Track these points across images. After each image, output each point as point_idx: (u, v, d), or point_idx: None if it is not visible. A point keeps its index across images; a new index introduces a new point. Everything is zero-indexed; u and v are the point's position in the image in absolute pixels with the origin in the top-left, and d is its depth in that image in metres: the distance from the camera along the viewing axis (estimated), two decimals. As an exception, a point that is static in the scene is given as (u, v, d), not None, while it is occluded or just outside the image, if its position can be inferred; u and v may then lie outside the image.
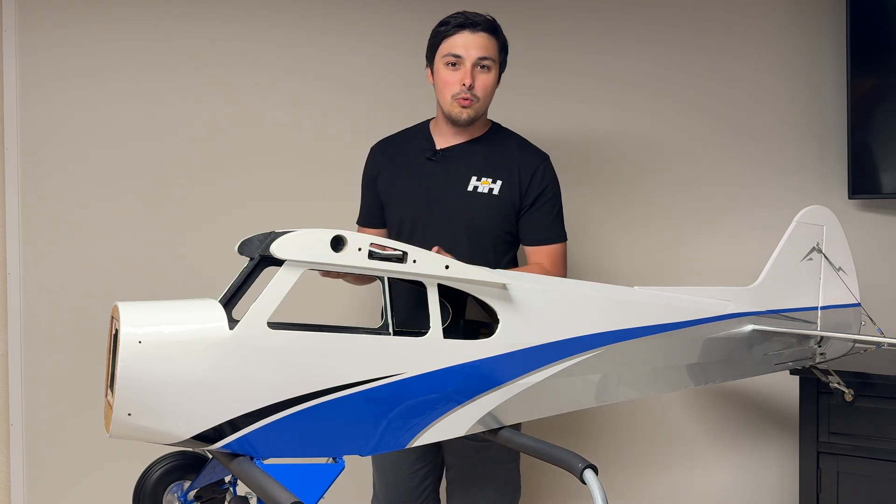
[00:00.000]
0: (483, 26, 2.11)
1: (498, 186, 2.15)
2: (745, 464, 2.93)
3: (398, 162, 2.25)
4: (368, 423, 1.47)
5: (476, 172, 2.16)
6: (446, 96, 2.14)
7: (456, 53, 2.10)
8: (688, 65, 2.90)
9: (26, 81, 2.75)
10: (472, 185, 2.16)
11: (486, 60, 2.11)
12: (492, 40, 2.13)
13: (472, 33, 2.10)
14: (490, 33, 2.12)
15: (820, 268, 2.15)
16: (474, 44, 2.10)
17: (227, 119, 2.81)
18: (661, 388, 1.89)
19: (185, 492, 1.64)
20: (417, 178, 2.20)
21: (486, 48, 2.11)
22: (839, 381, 2.29)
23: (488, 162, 2.18)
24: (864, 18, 2.71)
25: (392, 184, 2.25)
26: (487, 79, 2.13)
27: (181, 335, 1.33)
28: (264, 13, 2.83)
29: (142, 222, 2.78)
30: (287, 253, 1.39)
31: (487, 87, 2.13)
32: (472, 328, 1.69)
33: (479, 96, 2.12)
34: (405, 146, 2.27)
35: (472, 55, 2.10)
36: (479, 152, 2.19)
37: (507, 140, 2.24)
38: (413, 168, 2.22)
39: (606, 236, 2.92)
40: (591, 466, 1.45)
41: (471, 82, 2.10)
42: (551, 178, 2.20)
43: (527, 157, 2.20)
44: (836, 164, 2.83)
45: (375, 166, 2.29)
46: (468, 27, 2.10)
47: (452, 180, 2.17)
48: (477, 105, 2.13)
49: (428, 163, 2.20)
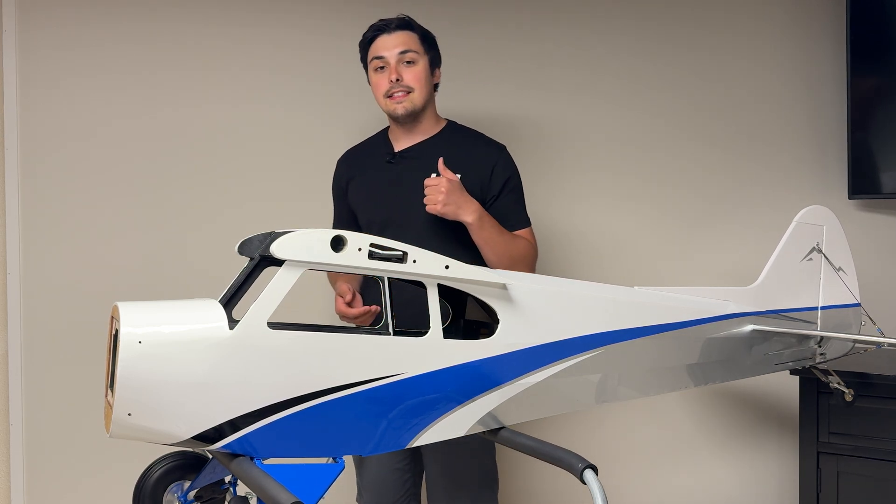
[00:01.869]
0: (396, 24, 2.24)
1: (458, 179, 2.20)
2: (745, 464, 2.93)
3: (363, 169, 2.34)
4: (368, 423, 1.47)
5: (435, 169, 2.21)
6: (381, 98, 2.25)
7: (378, 55, 2.24)
8: (688, 64, 2.90)
9: (26, 81, 2.75)
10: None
11: (408, 53, 2.22)
12: (409, 35, 2.24)
13: (388, 34, 2.23)
14: (405, 29, 2.24)
15: (820, 268, 2.15)
16: (392, 42, 2.22)
17: (227, 119, 2.81)
18: (661, 388, 1.89)
19: (185, 492, 1.64)
20: (380, 182, 2.29)
21: (404, 43, 2.22)
22: (839, 381, 2.29)
23: (446, 157, 2.22)
24: (864, 18, 2.71)
25: (359, 190, 2.33)
26: (415, 70, 2.22)
27: (181, 335, 1.33)
28: (265, 14, 2.83)
29: (142, 222, 2.78)
30: (287, 253, 1.39)
31: (419, 78, 2.22)
32: (472, 328, 1.69)
33: (412, 87, 2.22)
34: (367, 153, 2.37)
35: (394, 52, 2.21)
36: (437, 149, 2.25)
37: (464, 136, 2.32)
38: (375, 173, 2.31)
39: (606, 236, 2.92)
40: (591, 466, 1.45)
41: (397, 76, 2.20)
42: (512, 167, 2.28)
43: (485, 150, 2.27)
44: (836, 164, 2.83)
45: (344, 176, 2.38)
46: (384, 30, 2.24)
47: (413, 179, 2.22)
48: (413, 96, 2.22)
49: (388, 165, 2.29)
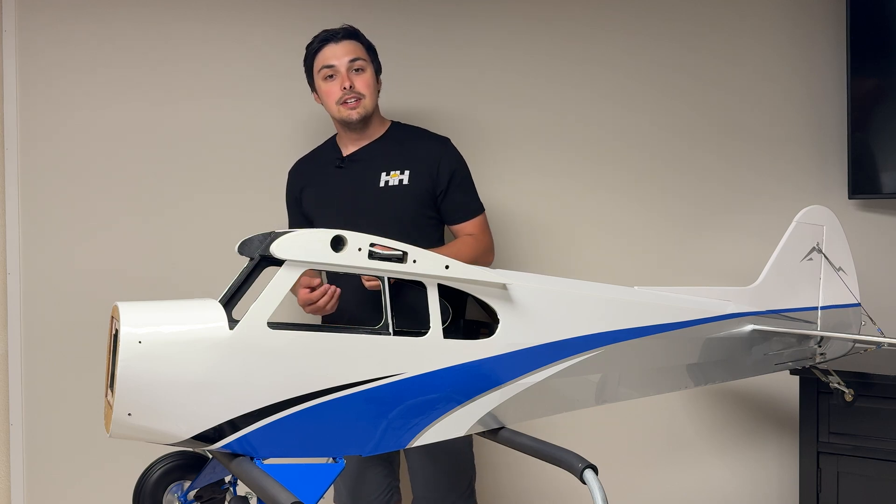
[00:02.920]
0: (343, 34, 2.30)
1: (407, 176, 2.27)
2: (745, 464, 2.93)
3: (313, 176, 2.39)
4: (368, 423, 1.47)
5: (384, 168, 2.29)
6: (332, 105, 2.29)
7: (328, 64, 2.29)
8: (688, 65, 2.90)
9: (26, 81, 2.75)
10: (383, 180, 2.28)
11: (357, 62, 2.28)
12: (356, 44, 2.31)
13: (336, 44, 2.29)
14: (352, 38, 2.31)
15: (820, 268, 2.15)
16: (342, 51, 2.28)
17: (228, 119, 2.80)
18: (661, 388, 1.89)
19: (185, 492, 1.64)
20: (332, 187, 2.33)
21: (353, 52, 2.29)
22: (839, 381, 2.29)
23: (394, 156, 2.30)
24: (864, 18, 2.71)
25: (313, 198, 2.37)
26: (365, 77, 2.29)
27: (181, 335, 1.33)
28: (265, 13, 2.82)
29: (142, 222, 2.77)
30: (287, 253, 1.39)
31: (369, 85, 2.29)
32: (472, 328, 1.69)
33: (364, 93, 2.28)
34: (317, 161, 2.42)
35: (344, 61, 2.27)
36: (384, 150, 2.32)
37: (408, 134, 2.38)
38: (326, 179, 2.35)
39: (606, 236, 2.92)
40: (591, 466, 1.45)
41: (349, 83, 2.25)
42: (457, 158, 2.34)
43: (429, 145, 2.34)
44: (836, 164, 2.82)
45: (297, 185, 2.42)
46: (331, 39, 2.30)
47: (364, 181, 2.29)
48: (364, 102, 2.28)
49: (338, 171, 2.33)
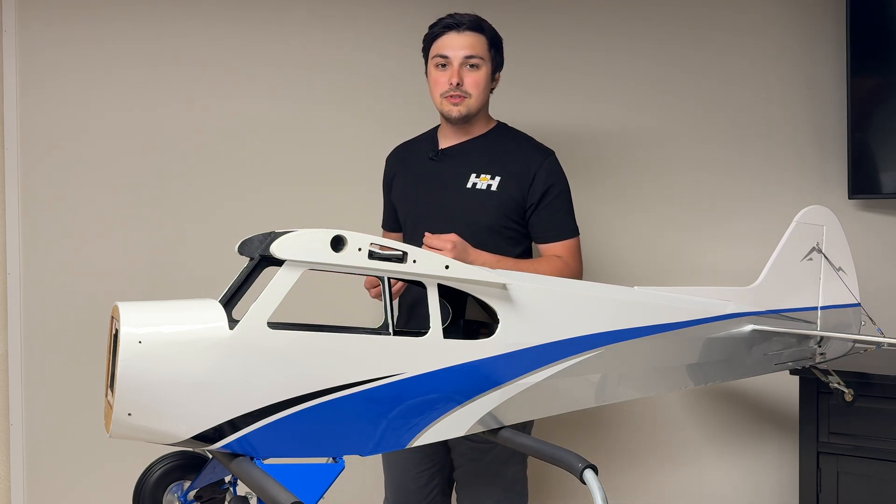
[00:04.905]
0: (468, 25, 2.15)
1: (497, 182, 2.16)
2: (745, 464, 2.93)
3: (407, 165, 2.32)
4: (368, 423, 1.47)
5: (475, 169, 2.18)
6: (437, 96, 2.19)
7: (443, 54, 2.16)
8: (688, 64, 2.90)
9: (26, 81, 2.75)
10: (471, 181, 2.18)
11: (474, 59, 2.15)
12: (478, 38, 2.16)
13: (458, 34, 2.15)
14: (476, 31, 2.16)
15: (820, 268, 2.15)
16: (460, 43, 2.14)
17: (228, 118, 2.80)
18: (661, 388, 1.89)
19: (185, 492, 1.64)
20: (419, 179, 2.26)
21: (472, 46, 2.15)
22: (839, 381, 2.29)
23: (488, 159, 2.19)
24: (864, 18, 2.71)
25: (400, 186, 2.31)
26: (477, 76, 2.16)
27: (181, 335, 1.33)
28: (264, 13, 2.82)
29: (142, 222, 2.78)
30: (287, 253, 1.39)
31: (478, 84, 2.16)
32: (472, 328, 1.69)
33: (471, 93, 2.16)
34: (415, 150, 2.34)
35: (459, 55, 2.14)
36: (480, 150, 2.22)
37: (511, 138, 2.26)
38: (417, 169, 2.28)
39: (606, 236, 2.92)
40: (591, 466, 1.45)
41: (458, 80, 2.14)
42: (557, 174, 2.19)
43: (529, 154, 2.20)
44: (836, 164, 2.83)
45: (391, 171, 2.37)
46: (454, 28, 2.15)
47: (451, 178, 2.20)
48: (469, 101, 2.16)
49: (430, 163, 2.25)
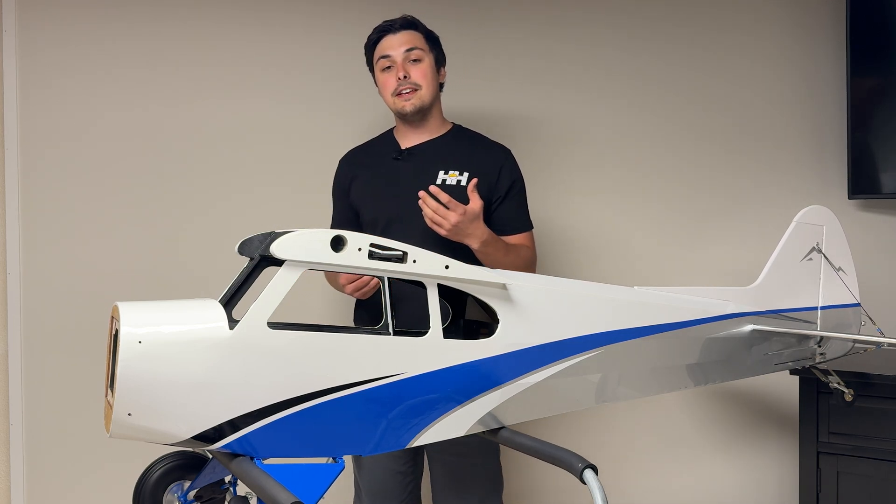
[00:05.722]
0: (401, 24, 2.27)
1: (465, 178, 2.22)
2: (745, 464, 2.93)
3: (368, 166, 2.35)
4: (368, 423, 1.47)
5: (443, 166, 2.25)
6: (388, 97, 2.27)
7: (385, 55, 2.27)
8: (687, 64, 2.90)
9: (26, 81, 2.75)
10: (441, 178, 2.24)
11: (415, 51, 2.25)
12: (414, 34, 2.27)
13: (394, 34, 2.27)
14: (410, 28, 2.27)
15: (820, 268, 2.15)
16: (399, 41, 2.25)
17: (228, 119, 2.80)
18: (661, 388, 1.89)
19: (185, 492, 1.64)
20: (387, 178, 2.29)
21: (409, 41, 2.25)
22: (839, 381, 2.29)
23: (454, 156, 2.27)
24: (864, 18, 2.71)
25: (364, 188, 2.33)
26: (422, 67, 2.26)
27: (181, 335, 1.33)
28: (265, 13, 2.82)
29: (142, 222, 2.77)
30: (287, 253, 1.39)
31: (426, 75, 2.26)
32: (472, 328, 1.69)
33: (420, 84, 2.25)
34: (371, 152, 2.38)
35: (400, 51, 2.25)
36: (444, 148, 2.29)
37: (470, 138, 2.36)
38: (381, 170, 2.32)
39: (606, 236, 2.92)
40: (591, 466, 1.45)
41: (404, 73, 2.23)
42: (517, 171, 2.33)
43: (491, 153, 2.31)
44: (836, 164, 2.83)
45: (348, 175, 2.38)
46: (389, 30, 2.28)
47: (421, 175, 2.24)
48: (421, 93, 2.25)
49: (394, 162, 2.30)
